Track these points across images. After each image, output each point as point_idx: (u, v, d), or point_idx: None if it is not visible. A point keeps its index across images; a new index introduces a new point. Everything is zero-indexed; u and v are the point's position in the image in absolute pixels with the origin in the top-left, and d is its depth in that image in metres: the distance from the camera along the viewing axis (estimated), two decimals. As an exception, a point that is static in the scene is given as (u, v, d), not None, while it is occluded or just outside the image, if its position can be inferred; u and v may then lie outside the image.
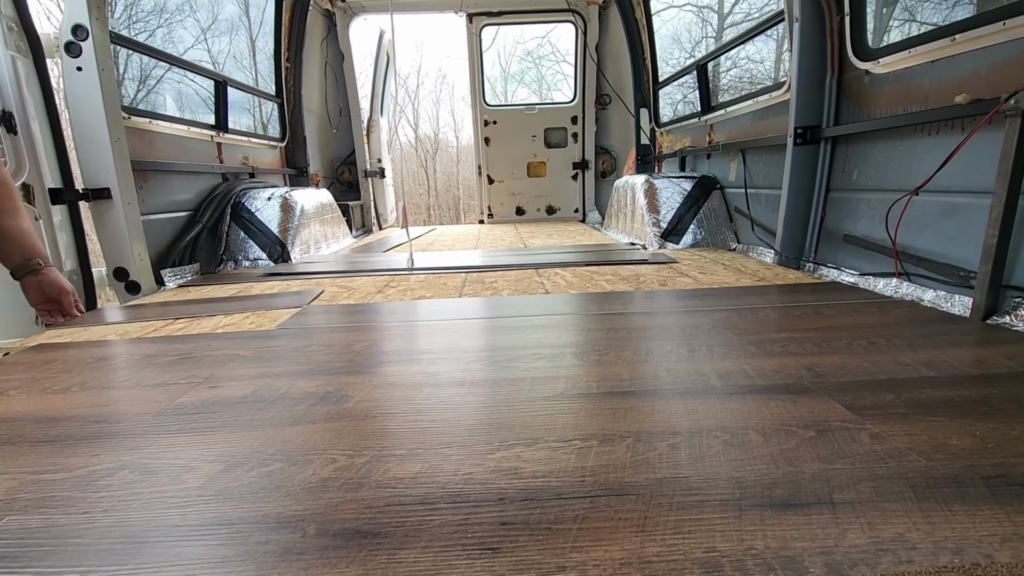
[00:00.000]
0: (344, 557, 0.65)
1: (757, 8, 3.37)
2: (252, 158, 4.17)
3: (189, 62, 3.43)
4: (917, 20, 2.13)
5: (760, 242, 3.05)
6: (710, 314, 1.76)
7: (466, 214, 17.35)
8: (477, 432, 0.98)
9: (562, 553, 0.64)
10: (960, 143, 1.75)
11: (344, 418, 1.06)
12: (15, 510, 0.78)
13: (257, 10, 4.39)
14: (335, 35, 5.57)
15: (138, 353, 1.61)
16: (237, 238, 3.41)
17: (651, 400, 1.09)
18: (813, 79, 2.48)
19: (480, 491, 0.78)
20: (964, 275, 1.76)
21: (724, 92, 3.89)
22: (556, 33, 8.01)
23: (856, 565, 0.60)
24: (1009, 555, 0.60)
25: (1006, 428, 0.91)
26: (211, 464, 0.90)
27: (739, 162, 3.37)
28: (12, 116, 2.19)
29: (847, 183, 2.43)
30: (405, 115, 17.92)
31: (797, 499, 0.73)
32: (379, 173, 6.16)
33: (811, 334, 1.50)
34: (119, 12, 2.83)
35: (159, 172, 2.97)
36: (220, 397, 1.20)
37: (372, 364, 1.40)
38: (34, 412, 1.17)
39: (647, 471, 0.82)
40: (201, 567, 0.64)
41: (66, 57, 2.35)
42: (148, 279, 2.66)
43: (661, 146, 5.05)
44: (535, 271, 2.76)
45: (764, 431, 0.94)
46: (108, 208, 2.50)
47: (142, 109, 2.95)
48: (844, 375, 1.19)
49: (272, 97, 4.61)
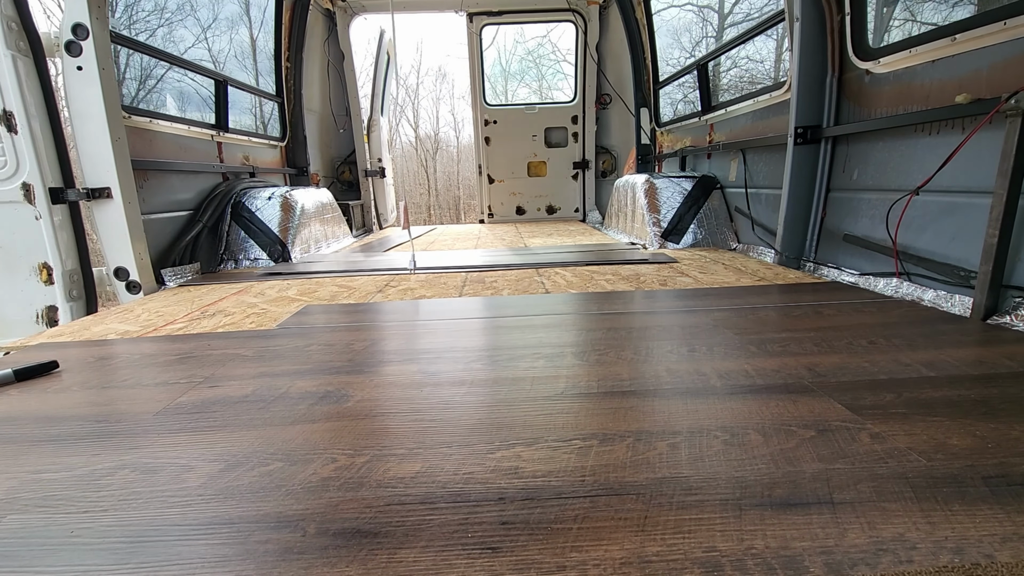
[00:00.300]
0: (344, 556, 0.65)
1: (757, 8, 3.36)
2: (252, 157, 4.17)
3: (189, 61, 3.43)
4: (918, 20, 2.13)
5: (760, 242, 3.05)
6: (710, 314, 1.76)
7: (466, 214, 17.36)
8: (477, 432, 0.98)
9: (562, 552, 0.64)
10: (961, 143, 1.75)
11: (344, 417, 1.06)
12: (16, 509, 0.78)
13: (258, 9, 4.39)
14: (337, 35, 5.57)
15: (138, 352, 1.61)
16: (237, 237, 3.41)
17: (651, 400, 1.09)
18: (813, 79, 2.48)
19: (480, 491, 0.78)
20: (964, 275, 1.76)
21: (724, 92, 3.89)
22: (556, 32, 8.00)
23: (856, 565, 0.60)
24: (1009, 555, 0.60)
25: (1006, 428, 0.91)
26: (211, 463, 0.90)
27: (739, 162, 3.36)
28: (12, 115, 2.19)
29: (847, 183, 2.43)
30: (405, 114, 17.93)
31: (797, 499, 0.73)
32: (379, 173, 6.16)
33: (811, 334, 1.50)
34: (119, 12, 2.84)
35: (159, 171, 2.97)
36: (220, 396, 1.20)
37: (372, 364, 1.40)
38: (34, 411, 1.17)
39: (647, 471, 0.82)
40: (201, 566, 0.64)
41: (66, 56, 2.35)
42: (149, 278, 2.66)
43: (661, 146, 5.05)
44: (535, 271, 2.76)
45: (764, 431, 0.94)
46: (108, 207, 2.50)
47: (142, 108, 2.95)
48: (844, 375, 1.19)
49: (272, 96, 4.61)
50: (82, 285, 2.45)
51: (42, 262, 2.35)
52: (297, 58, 4.72)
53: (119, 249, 2.56)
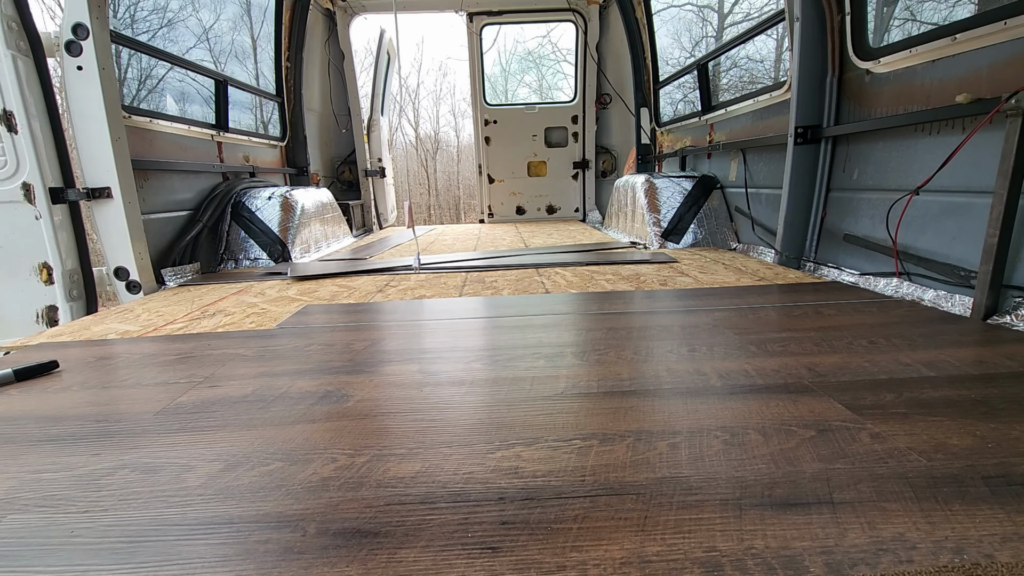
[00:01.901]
0: (344, 556, 0.65)
1: (757, 8, 3.36)
2: (253, 157, 4.17)
3: (190, 61, 3.43)
4: (918, 19, 2.13)
5: (760, 242, 3.05)
6: (710, 314, 1.76)
7: (466, 213, 17.35)
8: (477, 431, 0.98)
9: (562, 552, 0.64)
10: (961, 143, 1.75)
11: (344, 417, 1.06)
12: (16, 509, 0.78)
13: (258, 9, 4.39)
14: (337, 35, 5.57)
15: (138, 352, 1.61)
16: (237, 237, 3.41)
17: (651, 400, 1.09)
18: (814, 78, 2.48)
19: (480, 490, 0.78)
20: (964, 275, 1.76)
21: (724, 91, 3.89)
22: (557, 32, 8.00)
23: (856, 565, 0.60)
24: (1009, 555, 0.60)
25: (1006, 428, 0.91)
26: (211, 463, 0.90)
27: (739, 161, 3.36)
28: (13, 115, 2.19)
29: (848, 183, 2.43)
30: (405, 114, 17.92)
31: (797, 499, 0.73)
32: (379, 172, 6.16)
33: (811, 334, 1.50)
34: (120, 11, 2.83)
35: (160, 171, 2.97)
36: (220, 396, 1.20)
37: (372, 363, 1.40)
38: (35, 411, 1.17)
39: (647, 470, 0.82)
40: (201, 566, 0.64)
41: (67, 56, 2.35)
42: (149, 278, 2.66)
43: (661, 145, 5.04)
44: (536, 270, 2.76)
45: (764, 431, 0.94)
46: (108, 207, 2.50)
47: (143, 108, 2.95)
48: (844, 375, 1.19)
49: (272, 96, 4.60)
50: (82, 285, 2.45)
51: (42, 262, 2.35)
52: (297, 58, 4.72)
53: (119, 249, 2.56)
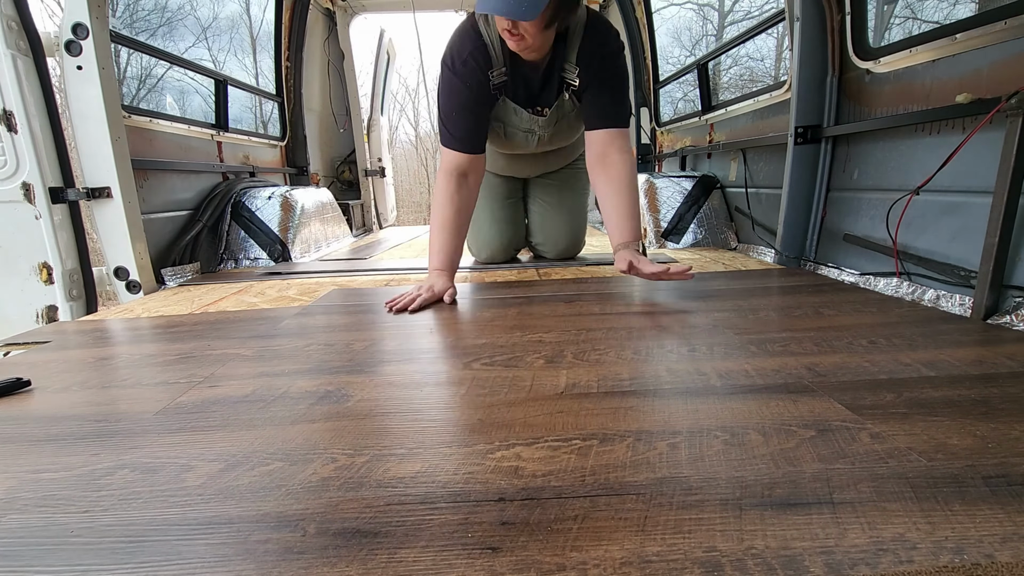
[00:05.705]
0: (344, 556, 0.65)
1: (757, 7, 3.36)
2: (252, 157, 4.17)
3: (189, 61, 3.43)
4: (918, 19, 2.13)
5: (760, 241, 3.05)
6: (710, 314, 1.76)
7: (466, 213, 17.27)
8: (477, 431, 0.98)
9: (562, 552, 0.64)
10: (961, 143, 1.75)
11: (344, 417, 1.06)
12: (16, 509, 0.78)
13: (258, 9, 4.39)
14: (337, 34, 5.57)
15: (138, 352, 1.61)
16: (237, 237, 3.40)
17: (651, 399, 1.09)
18: (814, 78, 2.48)
19: (480, 490, 0.78)
20: (965, 275, 1.76)
21: (725, 91, 3.89)
22: (557, 32, 7.97)
23: (856, 565, 0.60)
24: (1009, 555, 0.60)
25: (1006, 428, 0.91)
26: (211, 463, 0.90)
27: (739, 161, 3.36)
28: (12, 115, 2.19)
29: (848, 182, 2.42)
30: (405, 113, 17.90)
31: (797, 499, 0.73)
32: (380, 172, 6.15)
33: (811, 333, 1.50)
34: (120, 11, 2.83)
35: (160, 171, 2.97)
36: (220, 396, 1.20)
37: (372, 363, 1.40)
38: (34, 411, 1.17)
39: (647, 470, 0.82)
40: (201, 566, 0.64)
41: (66, 56, 2.35)
42: (148, 278, 2.66)
43: (661, 145, 5.04)
44: (535, 270, 2.76)
45: (764, 430, 0.94)
46: (108, 207, 2.50)
47: (143, 108, 2.95)
48: (844, 374, 1.19)
49: (272, 96, 4.60)
50: (82, 285, 2.45)
51: (42, 262, 2.35)
52: (297, 58, 4.72)
53: (119, 249, 2.56)
